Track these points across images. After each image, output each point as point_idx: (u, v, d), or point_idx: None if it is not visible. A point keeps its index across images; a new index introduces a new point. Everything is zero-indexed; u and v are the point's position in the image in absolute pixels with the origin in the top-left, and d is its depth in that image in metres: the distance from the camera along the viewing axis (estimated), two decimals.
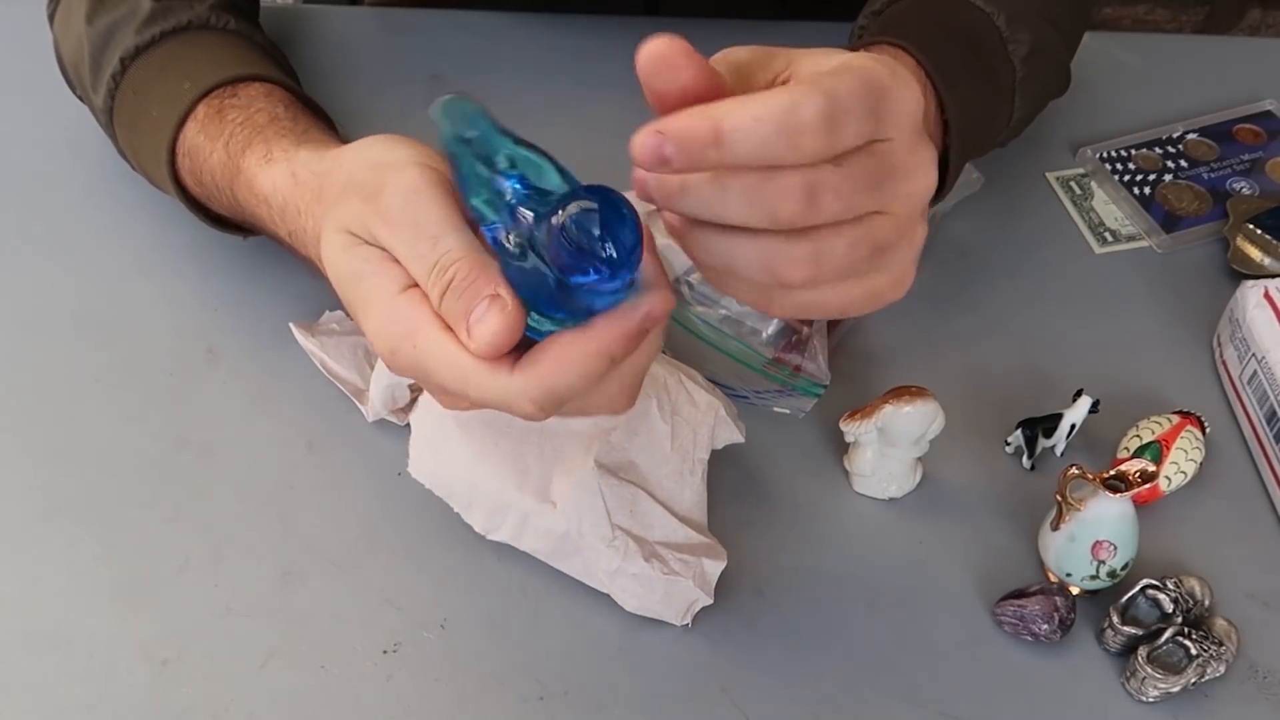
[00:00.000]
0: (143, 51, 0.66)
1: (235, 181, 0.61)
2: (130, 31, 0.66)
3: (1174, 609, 0.59)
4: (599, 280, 0.39)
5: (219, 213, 0.67)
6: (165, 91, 0.65)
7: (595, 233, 0.38)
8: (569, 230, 0.38)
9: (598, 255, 0.38)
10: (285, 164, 0.57)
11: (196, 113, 0.63)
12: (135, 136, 0.67)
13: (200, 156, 0.63)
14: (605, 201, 0.38)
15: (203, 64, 0.66)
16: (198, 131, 0.63)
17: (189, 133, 0.64)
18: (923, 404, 0.61)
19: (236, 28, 0.69)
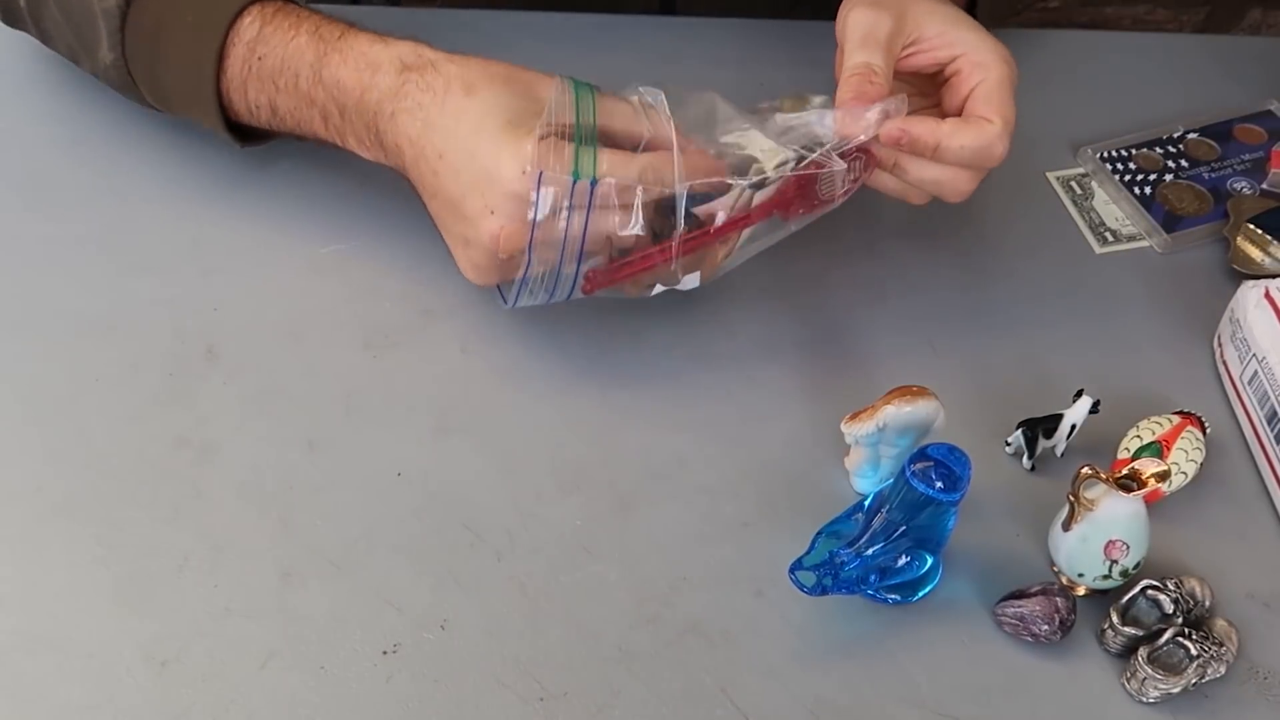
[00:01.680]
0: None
1: (326, 58, 0.65)
2: None
3: (1174, 609, 0.59)
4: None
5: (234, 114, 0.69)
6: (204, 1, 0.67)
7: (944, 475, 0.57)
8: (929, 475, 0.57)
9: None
10: (409, 45, 0.65)
11: (250, 11, 0.67)
12: (159, 40, 0.68)
13: (270, 44, 0.66)
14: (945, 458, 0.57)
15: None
16: (263, 24, 0.67)
17: (245, 27, 0.67)
18: (924, 404, 0.61)
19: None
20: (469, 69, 0.63)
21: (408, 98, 0.63)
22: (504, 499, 0.63)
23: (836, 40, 0.70)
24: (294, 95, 0.66)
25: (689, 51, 0.85)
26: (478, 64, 0.64)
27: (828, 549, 0.59)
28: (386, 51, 0.65)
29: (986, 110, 0.65)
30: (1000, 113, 0.65)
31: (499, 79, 0.63)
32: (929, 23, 0.67)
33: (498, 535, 0.62)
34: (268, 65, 0.66)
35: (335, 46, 0.65)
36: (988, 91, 0.66)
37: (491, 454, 0.65)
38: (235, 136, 0.70)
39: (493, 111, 0.61)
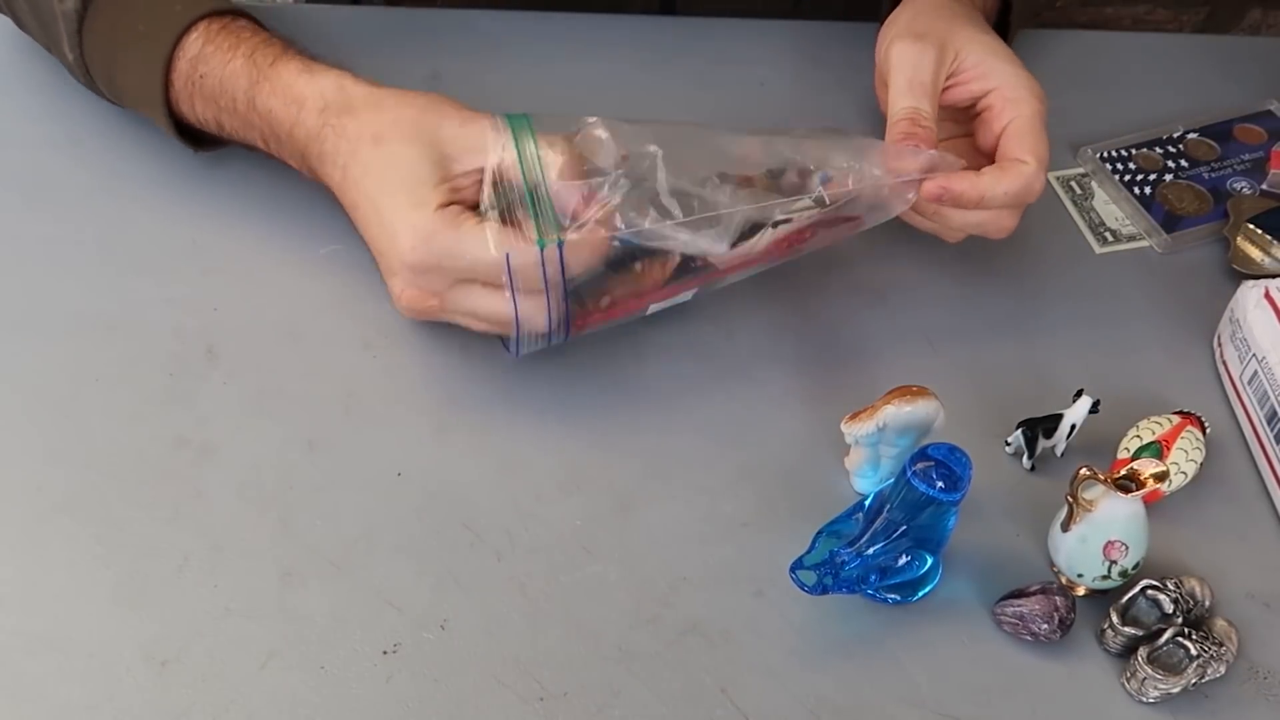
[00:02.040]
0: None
1: (258, 85, 0.66)
2: None
3: (1174, 609, 0.59)
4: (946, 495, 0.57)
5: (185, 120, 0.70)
6: (155, 11, 0.68)
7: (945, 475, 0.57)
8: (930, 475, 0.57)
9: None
10: (333, 79, 0.65)
11: (197, 28, 0.67)
12: (113, 46, 0.70)
13: (210, 63, 0.67)
14: (945, 458, 0.57)
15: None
16: (205, 41, 0.67)
17: (190, 43, 0.67)
18: (924, 403, 0.61)
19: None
20: (381, 115, 0.63)
21: (326, 141, 0.64)
22: (504, 499, 0.63)
23: (877, 67, 0.72)
24: (234, 116, 0.68)
25: (689, 52, 0.85)
26: (391, 107, 0.64)
27: (828, 548, 0.59)
28: (311, 85, 0.65)
29: (1020, 150, 0.67)
30: (1034, 152, 0.67)
31: (407, 128, 0.63)
32: (968, 53, 0.69)
33: (498, 535, 0.62)
34: (209, 84, 0.67)
35: (266, 74, 0.66)
36: (1020, 130, 0.67)
37: (491, 454, 0.65)
38: (190, 140, 0.72)
39: (396, 167, 0.62)
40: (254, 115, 0.66)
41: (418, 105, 0.64)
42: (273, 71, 0.66)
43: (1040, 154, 0.67)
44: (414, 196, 0.61)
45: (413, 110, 0.63)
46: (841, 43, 0.87)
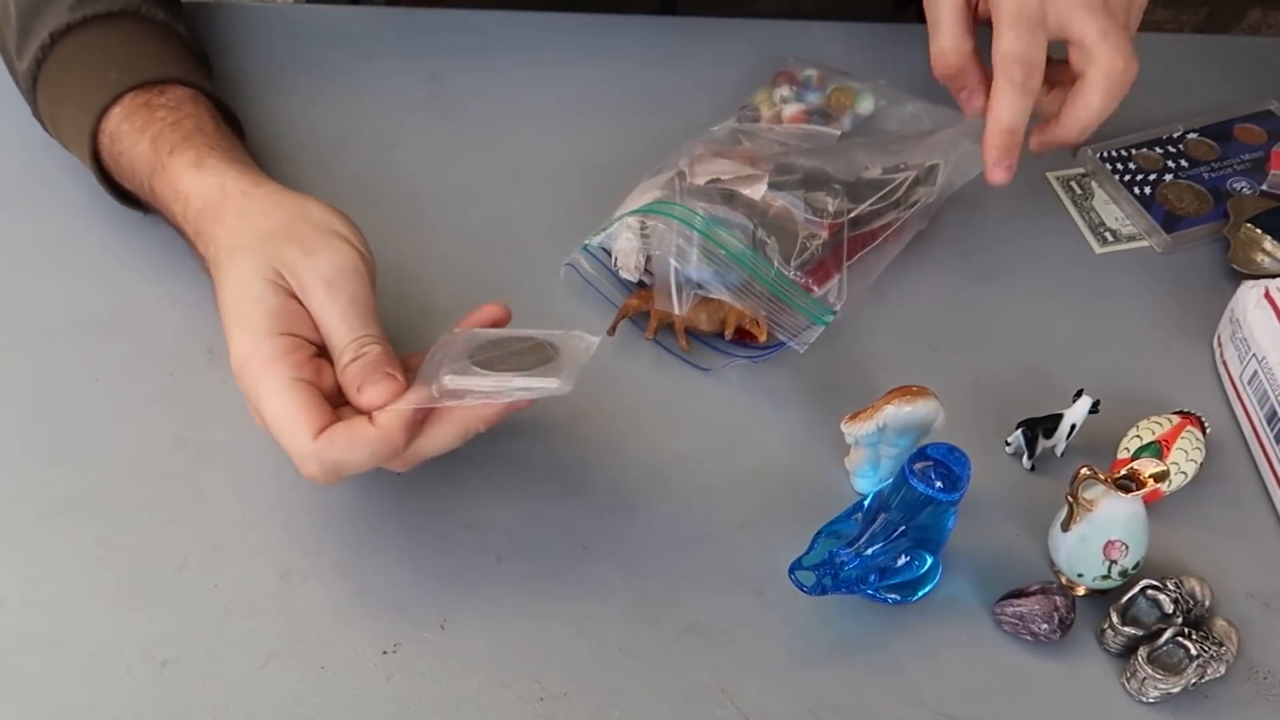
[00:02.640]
0: (73, 29, 0.69)
1: (156, 174, 0.65)
2: (64, 7, 0.69)
3: (1174, 609, 0.59)
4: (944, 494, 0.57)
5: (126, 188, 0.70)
6: (92, 77, 0.68)
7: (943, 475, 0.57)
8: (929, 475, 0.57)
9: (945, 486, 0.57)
10: (216, 176, 0.63)
11: (122, 101, 0.67)
12: (58, 109, 0.70)
13: (124, 142, 0.66)
14: (945, 458, 0.57)
15: (131, 56, 0.69)
16: (123, 119, 0.67)
17: (113, 117, 0.67)
18: (924, 403, 0.61)
19: (164, 19, 0.72)
20: (241, 224, 0.60)
21: (201, 244, 0.62)
22: (504, 499, 0.63)
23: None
24: (148, 197, 0.67)
25: (689, 52, 0.85)
26: (255, 214, 0.61)
27: (827, 549, 0.59)
28: (195, 183, 0.63)
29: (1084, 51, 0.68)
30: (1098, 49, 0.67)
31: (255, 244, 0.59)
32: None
33: (498, 535, 0.62)
34: (124, 164, 0.67)
35: (163, 163, 0.65)
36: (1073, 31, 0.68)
37: (491, 454, 0.65)
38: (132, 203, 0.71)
39: (236, 283, 0.58)
40: (158, 202, 0.66)
41: (278, 218, 0.60)
42: (169, 160, 0.64)
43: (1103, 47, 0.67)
44: (247, 317, 0.57)
45: (269, 223, 0.60)
46: (842, 43, 0.87)
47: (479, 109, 0.82)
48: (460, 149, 0.79)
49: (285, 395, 0.55)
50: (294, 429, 0.55)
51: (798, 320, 0.67)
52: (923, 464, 0.56)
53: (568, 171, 0.79)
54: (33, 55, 0.69)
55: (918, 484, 0.56)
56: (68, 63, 0.69)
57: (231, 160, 0.64)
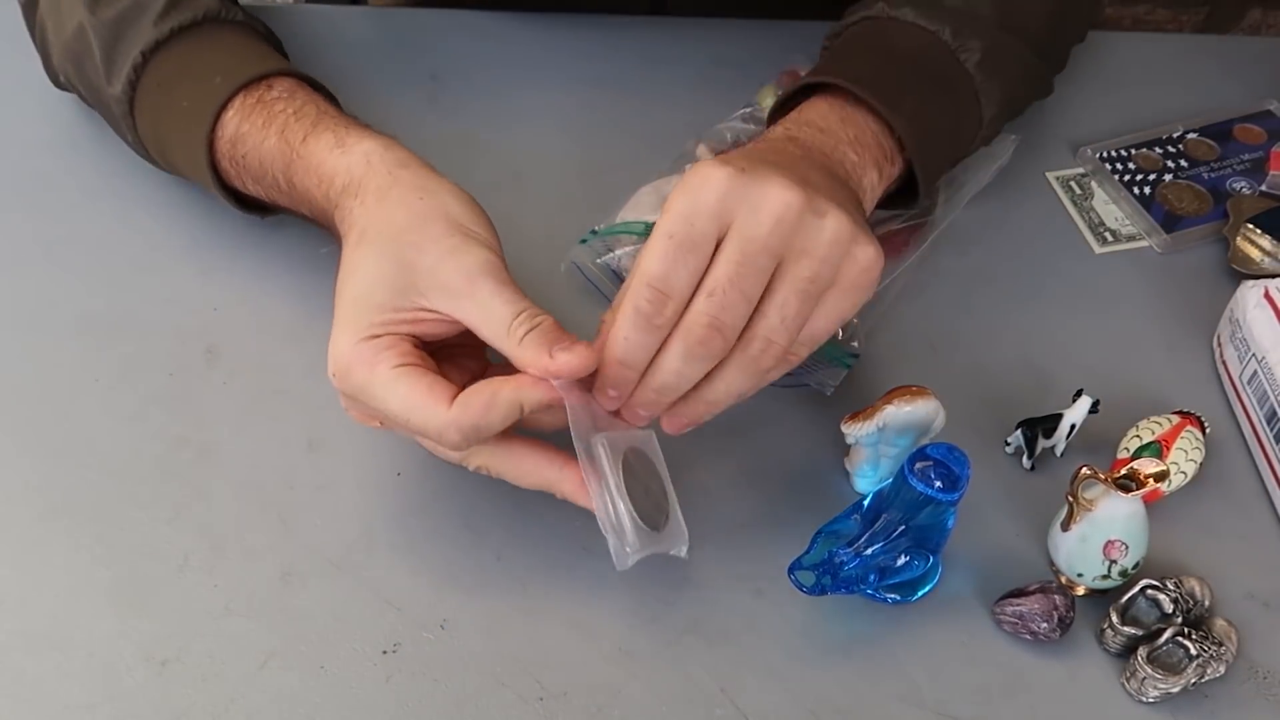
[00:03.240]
0: (162, 45, 0.68)
1: (293, 165, 0.63)
2: (147, 24, 0.68)
3: (1174, 609, 0.59)
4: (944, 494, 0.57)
5: (245, 193, 0.69)
6: (195, 88, 0.67)
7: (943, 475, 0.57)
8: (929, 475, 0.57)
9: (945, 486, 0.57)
10: (360, 152, 0.61)
11: (234, 103, 0.66)
12: (162, 127, 0.69)
13: (247, 144, 0.65)
14: (944, 458, 0.57)
15: (228, 59, 0.68)
16: (241, 121, 0.66)
17: (228, 123, 0.66)
18: (924, 403, 0.61)
19: (243, 18, 0.71)
20: (379, 209, 0.58)
21: (341, 222, 0.60)
22: (504, 499, 0.63)
23: None
24: (281, 194, 0.66)
25: (688, 52, 0.85)
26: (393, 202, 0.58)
27: (827, 548, 0.59)
28: (341, 161, 0.61)
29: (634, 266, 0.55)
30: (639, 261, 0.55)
31: (387, 237, 0.57)
32: None
33: (498, 535, 0.62)
34: (250, 165, 0.66)
35: (299, 153, 0.63)
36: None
37: None
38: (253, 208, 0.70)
39: (356, 276, 0.57)
40: (295, 194, 0.65)
41: (416, 211, 0.58)
42: (305, 149, 0.63)
43: (643, 264, 0.54)
44: (353, 316, 0.56)
45: (405, 216, 0.57)
46: None
47: (479, 109, 0.82)
48: (460, 149, 0.79)
49: (403, 381, 0.54)
50: (425, 407, 0.54)
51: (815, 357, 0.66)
52: (922, 464, 0.56)
53: (568, 171, 0.79)
54: (125, 78, 0.67)
55: (917, 484, 0.56)
56: (165, 79, 0.68)
57: (370, 133, 0.63)
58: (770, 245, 0.53)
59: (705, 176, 0.53)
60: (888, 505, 0.58)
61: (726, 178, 0.53)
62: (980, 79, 0.70)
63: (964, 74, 0.70)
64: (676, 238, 0.53)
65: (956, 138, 0.71)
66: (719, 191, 0.53)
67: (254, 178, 0.67)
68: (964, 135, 0.72)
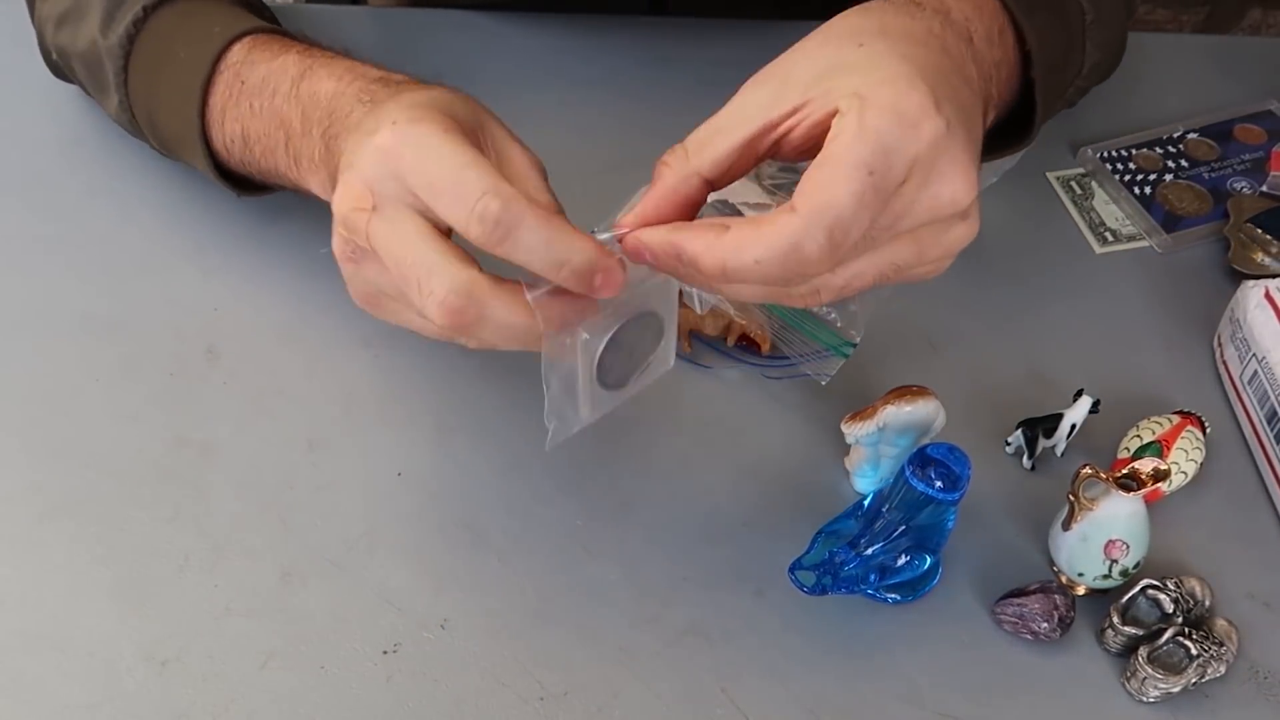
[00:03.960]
0: (166, 2, 0.66)
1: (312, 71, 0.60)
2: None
3: (1174, 609, 0.59)
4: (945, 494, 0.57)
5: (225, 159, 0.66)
6: (199, 33, 0.65)
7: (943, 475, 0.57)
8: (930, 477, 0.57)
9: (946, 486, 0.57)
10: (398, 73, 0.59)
11: (244, 40, 0.64)
12: (152, 82, 0.67)
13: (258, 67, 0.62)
14: (944, 457, 0.57)
15: (235, 16, 0.66)
16: (253, 48, 0.63)
17: (234, 52, 0.64)
18: (924, 403, 0.61)
19: (255, 1, 0.70)
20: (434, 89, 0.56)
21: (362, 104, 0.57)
22: (504, 499, 0.63)
23: None
24: (266, 117, 0.62)
25: (688, 52, 0.85)
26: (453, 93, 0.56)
27: (827, 548, 0.59)
28: (380, 70, 0.59)
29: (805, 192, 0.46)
30: (819, 194, 0.46)
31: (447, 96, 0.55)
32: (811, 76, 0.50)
33: (498, 535, 0.62)
34: (250, 86, 0.63)
35: (324, 62, 0.61)
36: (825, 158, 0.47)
37: (491, 454, 0.65)
38: (232, 184, 0.68)
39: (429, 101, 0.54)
40: (291, 103, 0.60)
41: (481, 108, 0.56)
42: (335, 59, 0.60)
43: (827, 199, 0.46)
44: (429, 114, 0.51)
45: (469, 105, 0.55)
46: None
47: None
48: None
49: (478, 153, 0.50)
50: (487, 170, 0.49)
51: (813, 345, 0.67)
52: (923, 464, 0.57)
53: (568, 171, 0.79)
54: (124, 30, 0.66)
55: (918, 484, 0.56)
56: (166, 30, 0.66)
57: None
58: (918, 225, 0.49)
59: (918, 119, 0.46)
60: (888, 505, 0.58)
61: (937, 133, 0.46)
62: (1092, 18, 0.64)
63: (1078, 8, 0.64)
64: (877, 175, 0.46)
65: (1061, 78, 0.65)
66: (926, 144, 0.46)
67: (246, 101, 0.63)
68: (1065, 78, 0.65)
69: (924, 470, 0.56)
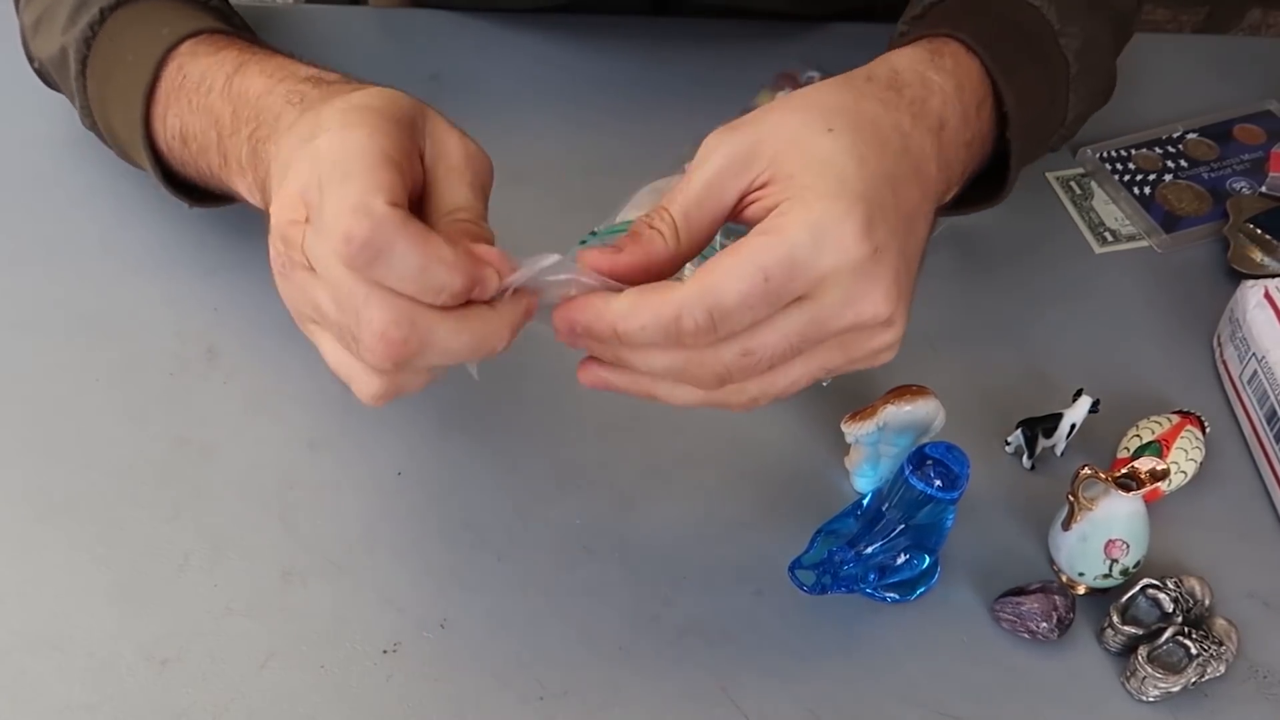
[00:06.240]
0: (125, 3, 0.65)
1: (246, 66, 0.59)
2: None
3: (1174, 609, 0.59)
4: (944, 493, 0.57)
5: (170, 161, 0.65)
6: (148, 34, 0.64)
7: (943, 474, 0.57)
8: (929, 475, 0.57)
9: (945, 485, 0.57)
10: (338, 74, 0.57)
11: (194, 39, 0.62)
12: (106, 82, 0.66)
13: (200, 60, 0.61)
14: (943, 457, 0.57)
15: (188, 17, 0.65)
16: (197, 44, 0.62)
17: (181, 52, 0.62)
18: (924, 403, 0.61)
19: (219, 5, 0.69)
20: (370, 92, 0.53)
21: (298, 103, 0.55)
22: (504, 499, 0.63)
23: None
24: (201, 114, 0.60)
25: (688, 52, 0.85)
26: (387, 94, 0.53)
27: (826, 548, 0.59)
28: (312, 69, 0.58)
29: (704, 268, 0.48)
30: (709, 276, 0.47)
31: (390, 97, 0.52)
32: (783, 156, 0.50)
33: (498, 535, 0.62)
34: (189, 81, 0.61)
35: (259, 58, 0.59)
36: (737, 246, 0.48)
37: (491, 454, 0.65)
38: (182, 193, 0.66)
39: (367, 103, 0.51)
40: (223, 100, 0.58)
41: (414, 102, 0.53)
42: (270, 57, 0.59)
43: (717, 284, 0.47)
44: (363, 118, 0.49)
45: (406, 101, 0.53)
46: (831, 45, 0.87)
47: (479, 109, 0.82)
48: None
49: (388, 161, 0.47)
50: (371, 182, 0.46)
51: None
52: (921, 463, 0.57)
53: (568, 171, 0.79)
54: (82, 34, 0.65)
55: (917, 483, 0.56)
56: (117, 33, 0.64)
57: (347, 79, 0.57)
58: (833, 338, 0.50)
59: (844, 244, 0.47)
60: (887, 504, 0.58)
61: (861, 258, 0.48)
62: (1076, 69, 0.64)
63: (1062, 61, 0.64)
64: (772, 283, 0.47)
65: (1044, 130, 0.66)
66: (840, 266, 0.48)
67: (185, 96, 0.61)
68: (1048, 129, 0.66)
69: (923, 469, 0.56)
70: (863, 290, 0.49)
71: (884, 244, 0.49)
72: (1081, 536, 0.59)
